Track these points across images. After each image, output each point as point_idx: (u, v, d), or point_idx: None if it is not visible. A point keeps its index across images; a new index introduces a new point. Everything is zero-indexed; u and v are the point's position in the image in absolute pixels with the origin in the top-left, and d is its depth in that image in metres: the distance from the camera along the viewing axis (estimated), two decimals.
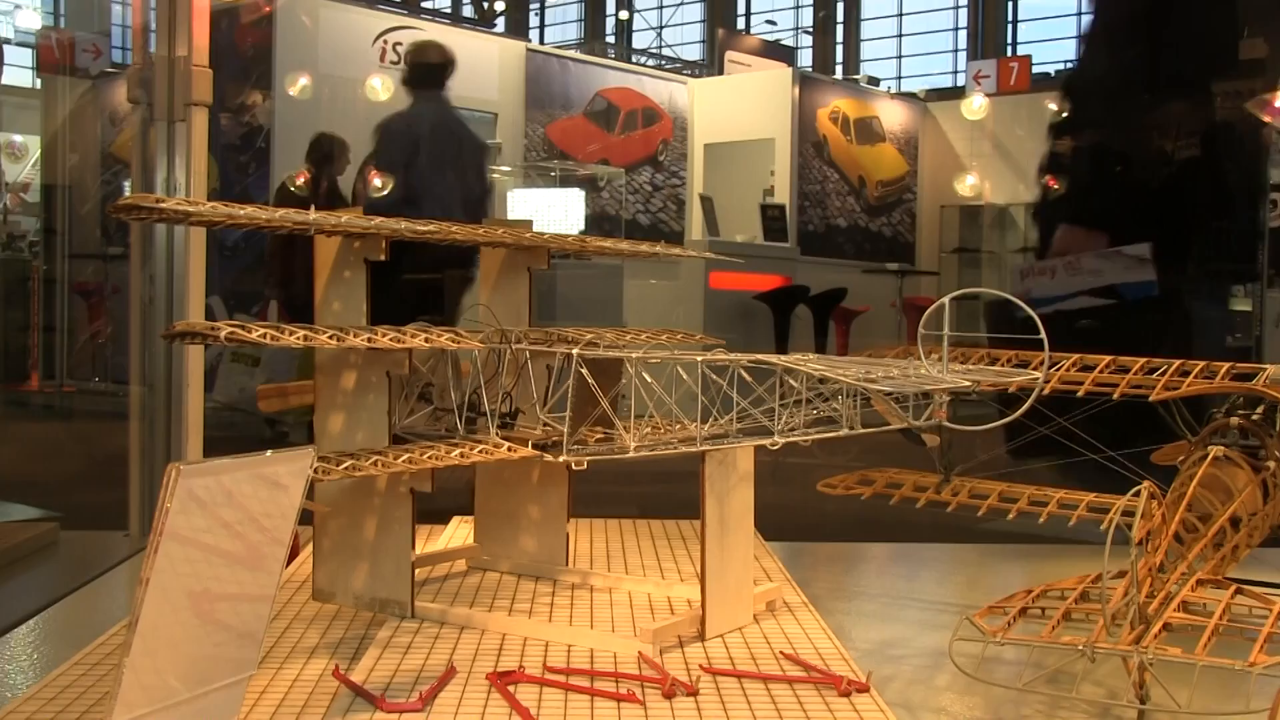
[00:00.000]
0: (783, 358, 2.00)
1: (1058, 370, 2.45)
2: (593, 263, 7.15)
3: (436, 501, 2.30)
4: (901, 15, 26.54)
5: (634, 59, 20.65)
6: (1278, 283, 4.55)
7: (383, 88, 8.97)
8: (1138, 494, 1.74)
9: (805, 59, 22.11)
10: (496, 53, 10.48)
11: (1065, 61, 25.41)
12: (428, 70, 6.44)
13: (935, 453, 2.63)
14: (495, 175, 9.85)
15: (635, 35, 26.19)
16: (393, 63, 9.38)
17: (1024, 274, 4.00)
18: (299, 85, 8.79)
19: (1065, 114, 4.57)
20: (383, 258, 2.21)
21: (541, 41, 23.42)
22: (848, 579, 2.87)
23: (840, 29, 24.87)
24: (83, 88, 8.97)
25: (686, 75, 13.56)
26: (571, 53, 12.66)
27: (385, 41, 9.44)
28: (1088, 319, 3.59)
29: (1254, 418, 2.39)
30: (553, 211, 9.02)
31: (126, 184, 8.30)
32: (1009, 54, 23.43)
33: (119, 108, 8.63)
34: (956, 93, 18.10)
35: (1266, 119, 4.29)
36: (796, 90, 11.42)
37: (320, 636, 2.12)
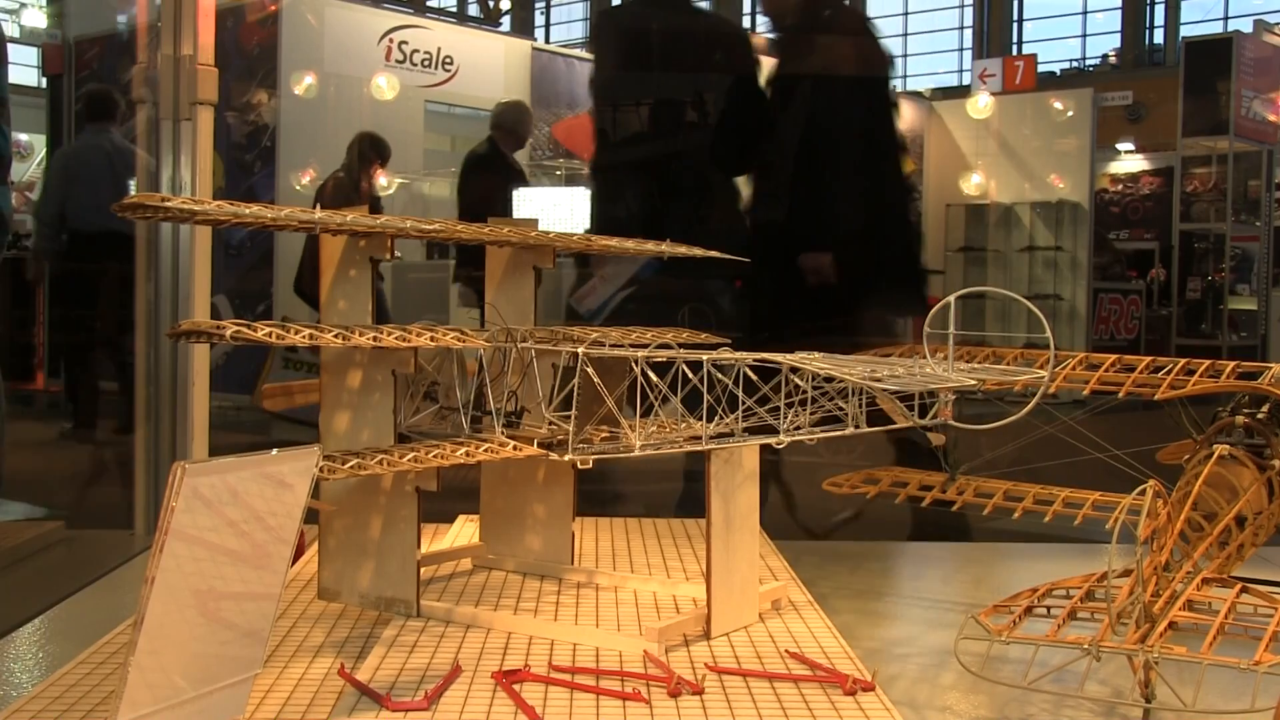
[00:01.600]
0: (788, 356, 1.99)
1: (1063, 369, 2.45)
2: None
3: (442, 500, 2.30)
4: (907, 14, 26.55)
5: None
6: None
7: (388, 86, 8.98)
8: (1143, 493, 1.74)
9: None
10: (502, 51, 10.48)
11: (1071, 60, 25.48)
12: (99, 104, 6.91)
13: (941, 451, 2.63)
14: None
15: None
16: (398, 62, 9.39)
17: (578, 298, 4.51)
18: (304, 84, 8.81)
19: None
20: (388, 257, 2.21)
21: (547, 40, 23.42)
22: (853, 578, 2.86)
23: None
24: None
25: None
26: (577, 51, 12.65)
27: (391, 40, 9.45)
28: (632, 304, 4.26)
29: (1259, 416, 2.39)
30: (558, 210, 9.02)
31: (132, 183, 8.31)
32: (1014, 53, 23.46)
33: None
34: (962, 92, 18.13)
35: (1273, 118, 4.29)
36: None
37: (325, 635, 2.12)
